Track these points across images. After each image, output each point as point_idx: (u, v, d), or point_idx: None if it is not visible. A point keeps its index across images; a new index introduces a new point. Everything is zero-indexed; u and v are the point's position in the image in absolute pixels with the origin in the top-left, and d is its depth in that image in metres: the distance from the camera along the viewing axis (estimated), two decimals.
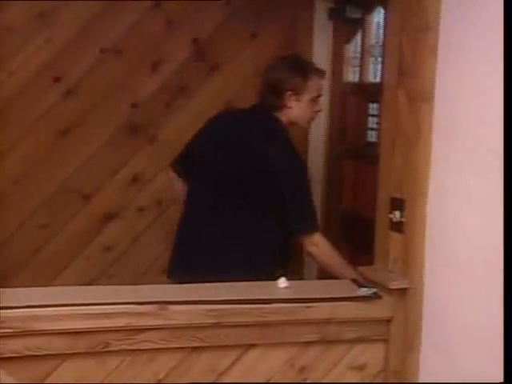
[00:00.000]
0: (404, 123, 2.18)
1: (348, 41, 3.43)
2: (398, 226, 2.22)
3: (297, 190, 2.67)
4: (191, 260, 2.77)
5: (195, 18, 3.44)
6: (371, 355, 2.24)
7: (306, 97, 2.77)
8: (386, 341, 2.23)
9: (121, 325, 2.02)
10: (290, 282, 2.28)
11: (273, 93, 2.76)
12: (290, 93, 2.75)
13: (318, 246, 2.66)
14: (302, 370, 2.19)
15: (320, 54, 3.39)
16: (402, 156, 2.20)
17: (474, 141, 1.95)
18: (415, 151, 2.13)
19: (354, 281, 2.34)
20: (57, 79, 3.34)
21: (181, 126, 3.52)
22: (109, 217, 3.51)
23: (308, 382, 2.19)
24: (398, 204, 2.21)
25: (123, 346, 2.04)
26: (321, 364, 2.20)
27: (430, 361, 2.16)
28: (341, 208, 3.51)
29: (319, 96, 2.83)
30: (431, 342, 2.15)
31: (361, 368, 2.23)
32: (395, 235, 2.24)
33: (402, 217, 2.20)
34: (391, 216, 2.23)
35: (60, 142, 3.39)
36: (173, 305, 2.07)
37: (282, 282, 2.27)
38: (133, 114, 3.46)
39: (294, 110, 2.77)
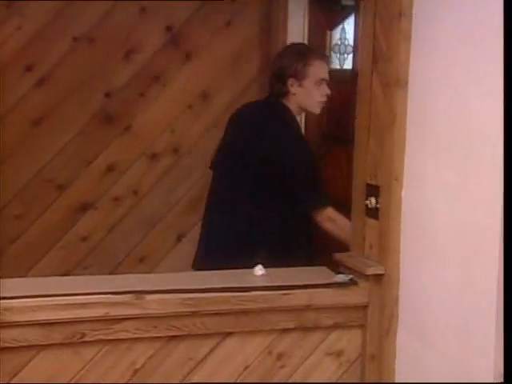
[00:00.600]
0: (379, 109, 2.18)
1: (333, 28, 3.41)
2: (373, 213, 2.22)
3: (302, 169, 2.74)
4: (210, 250, 2.87)
5: (168, 5, 3.41)
6: (348, 341, 2.25)
7: (308, 82, 2.84)
8: (362, 326, 2.24)
9: (97, 315, 2.01)
10: (267, 269, 2.28)
11: (278, 81, 2.87)
12: (292, 80, 2.83)
13: (333, 220, 2.69)
14: (280, 357, 2.19)
15: (295, 39, 3.38)
16: (377, 142, 2.20)
17: (447, 126, 1.96)
18: (390, 137, 2.14)
19: (330, 267, 2.35)
20: (29, 68, 3.30)
21: (156, 115, 3.51)
22: (84, 207, 3.49)
23: (285, 368, 2.20)
24: (373, 190, 2.22)
25: (100, 336, 2.03)
26: (298, 351, 2.21)
27: (406, 345, 2.17)
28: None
29: (324, 80, 2.87)
30: (407, 327, 2.17)
31: (338, 354, 2.24)
32: (371, 221, 2.24)
33: (377, 203, 2.20)
34: (367, 202, 2.23)
35: (33, 131, 3.36)
36: (149, 294, 2.06)
37: (259, 270, 2.27)
38: (107, 102, 3.43)
39: (299, 96, 2.85)
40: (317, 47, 3.19)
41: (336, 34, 3.40)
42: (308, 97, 2.86)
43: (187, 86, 3.52)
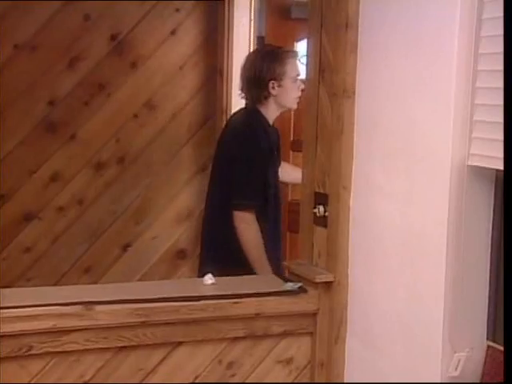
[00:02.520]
0: (326, 119, 2.21)
1: (301, 39, 3.46)
2: (322, 221, 2.25)
3: (242, 169, 2.77)
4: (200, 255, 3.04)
5: (113, 13, 3.39)
6: (298, 348, 2.26)
7: (286, 81, 2.91)
8: (312, 334, 2.25)
9: (44, 327, 1.97)
10: (217, 278, 2.28)
11: (256, 87, 2.91)
12: (272, 82, 2.89)
13: (248, 223, 2.72)
14: (230, 365, 2.19)
15: (241, 48, 3.40)
16: (325, 151, 2.23)
17: (395, 135, 2.00)
18: (338, 146, 2.17)
19: (280, 275, 2.36)
20: None
21: (100, 124, 3.47)
22: (27, 217, 3.42)
23: (236, 377, 2.20)
24: (321, 199, 2.24)
25: (48, 349, 1.99)
26: (248, 359, 2.21)
27: (355, 352, 2.20)
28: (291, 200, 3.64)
29: (298, 75, 2.93)
30: (356, 334, 2.19)
31: (288, 361, 2.25)
32: (319, 229, 2.27)
33: (325, 211, 2.23)
34: (315, 211, 2.26)
35: None
36: (98, 305, 2.04)
37: (209, 279, 2.26)
38: (50, 111, 3.38)
39: (279, 96, 2.92)
40: (281, 46, 3.21)
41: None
42: (287, 95, 2.93)
43: (132, 95, 3.50)
